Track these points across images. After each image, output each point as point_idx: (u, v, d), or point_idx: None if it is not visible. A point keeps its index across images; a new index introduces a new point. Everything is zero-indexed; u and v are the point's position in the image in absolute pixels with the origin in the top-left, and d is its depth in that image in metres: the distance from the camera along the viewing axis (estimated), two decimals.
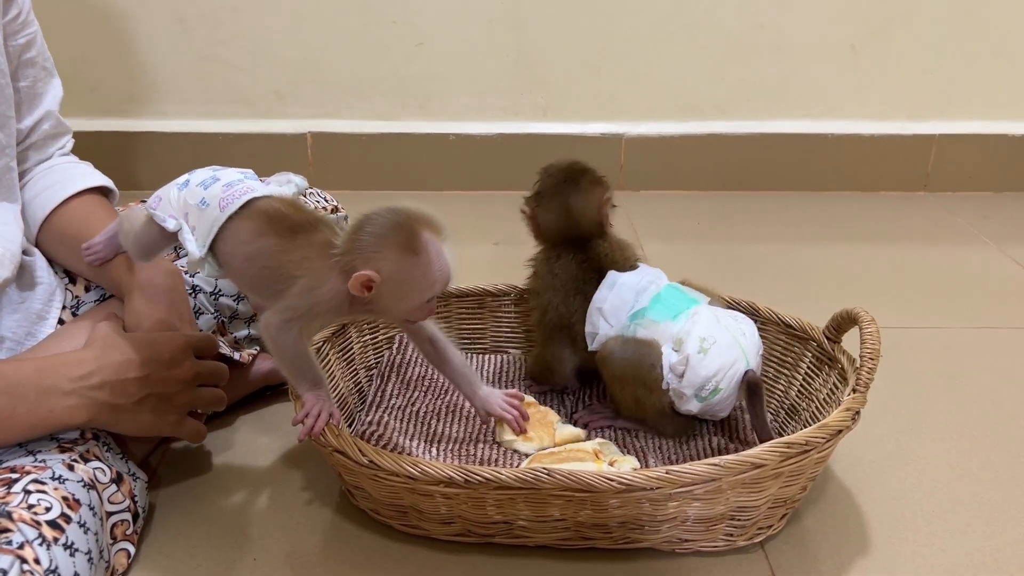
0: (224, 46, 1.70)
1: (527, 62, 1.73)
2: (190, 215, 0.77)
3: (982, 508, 0.86)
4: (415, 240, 0.71)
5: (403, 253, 0.71)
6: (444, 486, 0.72)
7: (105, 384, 0.74)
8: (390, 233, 0.71)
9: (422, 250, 0.71)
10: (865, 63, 1.74)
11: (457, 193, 1.78)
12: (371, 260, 0.70)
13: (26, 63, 0.93)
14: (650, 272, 0.93)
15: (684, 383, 0.84)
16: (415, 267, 0.71)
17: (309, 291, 0.73)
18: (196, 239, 0.76)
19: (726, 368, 0.83)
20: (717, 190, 1.81)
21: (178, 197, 0.78)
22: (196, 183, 0.78)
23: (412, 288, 0.72)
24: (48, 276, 0.94)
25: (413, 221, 0.71)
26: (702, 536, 0.78)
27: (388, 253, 0.70)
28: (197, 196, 0.77)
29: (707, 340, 0.84)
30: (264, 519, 0.84)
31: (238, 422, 1.00)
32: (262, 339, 0.77)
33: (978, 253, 1.53)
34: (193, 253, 0.76)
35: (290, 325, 0.74)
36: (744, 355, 0.85)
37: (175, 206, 0.78)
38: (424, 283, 0.72)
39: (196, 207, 0.77)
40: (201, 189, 0.77)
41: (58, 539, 0.64)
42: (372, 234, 0.71)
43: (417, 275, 0.72)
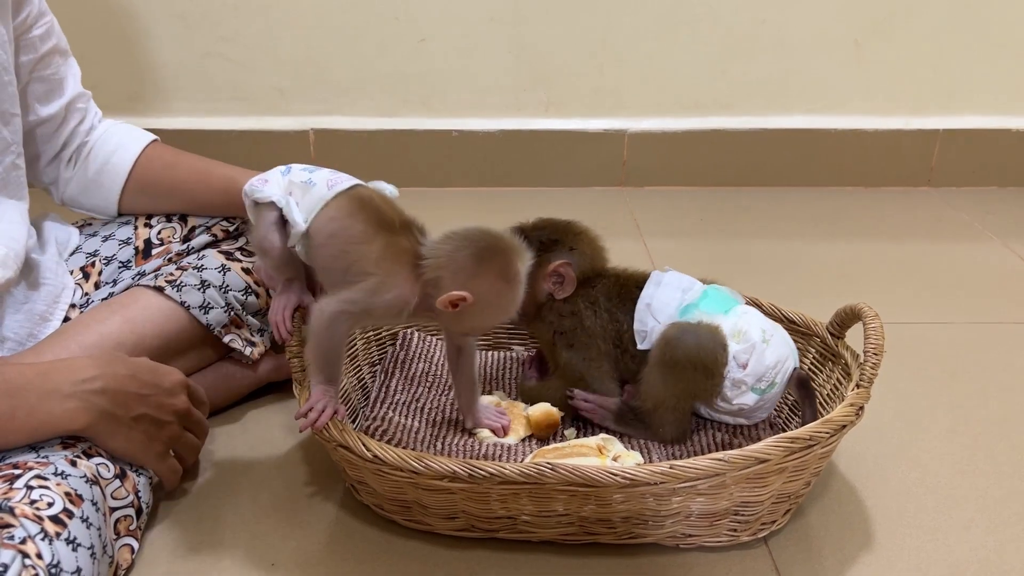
0: (226, 43, 1.70)
1: (529, 58, 1.72)
2: (294, 192, 0.82)
3: (986, 503, 0.86)
4: (511, 269, 0.75)
5: (500, 280, 0.75)
6: (448, 481, 0.72)
7: (106, 391, 0.74)
8: (491, 258, 0.75)
9: (514, 279, 0.75)
10: (868, 58, 1.73)
11: (459, 189, 1.78)
12: (468, 281, 0.74)
13: (49, 52, 0.95)
14: (686, 277, 0.92)
15: (748, 372, 0.84)
16: (505, 293, 0.75)
17: (375, 292, 0.75)
18: (301, 213, 0.80)
19: (783, 361, 0.85)
20: (720, 186, 1.80)
21: (281, 180, 0.83)
22: (300, 168, 0.84)
23: (496, 312, 0.77)
24: (54, 277, 0.95)
25: (510, 249, 0.76)
26: (706, 531, 0.77)
27: (486, 278, 0.74)
28: (303, 177, 0.82)
29: (767, 332, 0.86)
30: (268, 515, 0.84)
31: (242, 418, 1.00)
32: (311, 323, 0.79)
33: (982, 248, 1.52)
34: (298, 225, 0.79)
35: (343, 317, 0.76)
36: (792, 353, 0.87)
37: (278, 188, 0.82)
38: (508, 309, 0.77)
39: (302, 185, 0.82)
40: (307, 172, 0.83)
41: (60, 534, 0.64)
42: (472, 256, 0.74)
43: (505, 301, 0.76)
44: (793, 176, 1.80)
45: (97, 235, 1.03)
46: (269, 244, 0.82)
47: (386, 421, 0.89)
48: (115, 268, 0.99)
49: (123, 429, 0.75)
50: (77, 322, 0.89)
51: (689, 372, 0.84)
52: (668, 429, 0.88)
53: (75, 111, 1.00)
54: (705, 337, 0.84)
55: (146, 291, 0.92)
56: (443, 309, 0.74)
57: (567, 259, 0.90)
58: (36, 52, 0.93)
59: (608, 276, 0.92)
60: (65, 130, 0.99)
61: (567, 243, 0.92)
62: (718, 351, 0.84)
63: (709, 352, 0.84)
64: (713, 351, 0.84)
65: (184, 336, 0.92)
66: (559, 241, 0.92)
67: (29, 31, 0.92)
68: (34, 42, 0.93)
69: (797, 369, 0.86)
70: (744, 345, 0.84)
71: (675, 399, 0.86)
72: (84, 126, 1.01)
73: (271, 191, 0.82)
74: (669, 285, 0.90)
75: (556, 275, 0.90)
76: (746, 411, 0.86)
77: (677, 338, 0.85)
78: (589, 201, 1.73)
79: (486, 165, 1.77)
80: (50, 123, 0.98)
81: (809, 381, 0.86)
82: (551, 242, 0.92)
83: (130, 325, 0.88)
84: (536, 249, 0.89)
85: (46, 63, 0.95)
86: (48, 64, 0.95)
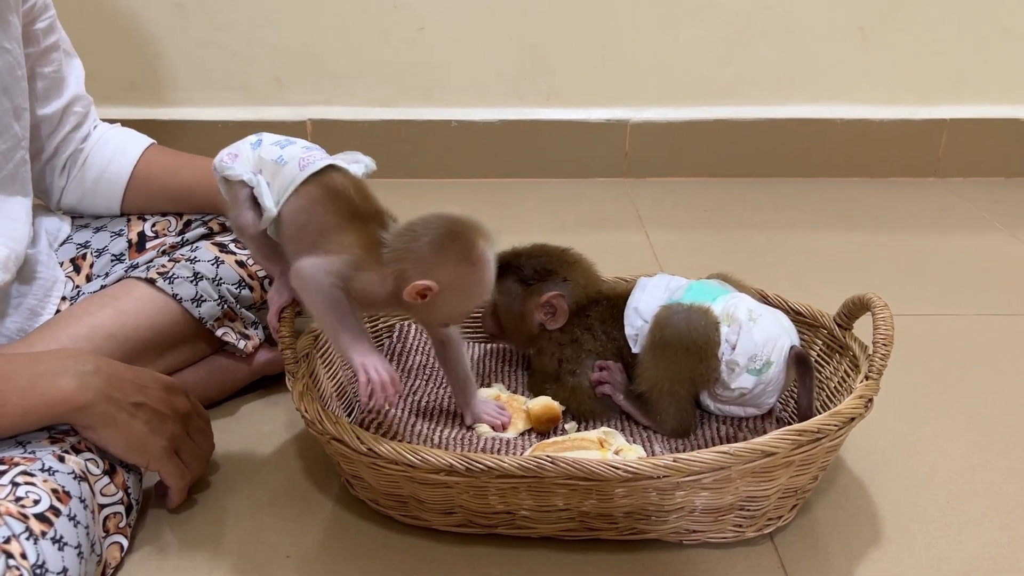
0: (223, 32, 1.68)
1: (530, 47, 1.70)
2: (264, 171, 0.78)
3: (998, 498, 0.84)
4: (473, 251, 0.72)
5: (462, 264, 0.72)
6: (445, 474, 0.71)
7: (100, 372, 0.71)
8: (449, 243, 0.72)
9: (479, 260, 0.72)
10: (874, 46, 1.71)
11: (459, 181, 1.76)
12: (430, 270, 0.71)
13: (49, 48, 0.93)
14: (676, 278, 0.92)
15: (738, 352, 0.82)
16: (471, 276, 0.73)
17: (353, 266, 0.73)
18: (272, 195, 0.77)
19: (775, 338, 0.83)
20: (724, 177, 1.78)
21: (252, 154, 0.79)
22: (270, 142, 0.80)
23: (466, 297, 0.75)
24: (46, 270, 0.93)
25: (470, 231, 0.72)
26: (710, 527, 0.76)
27: (449, 264, 0.72)
28: (274, 153, 0.78)
29: (754, 311, 0.84)
30: (261, 511, 0.82)
31: (237, 412, 0.98)
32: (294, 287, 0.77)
33: (990, 239, 1.50)
34: (270, 211, 0.76)
35: (330, 276, 0.73)
36: (787, 332, 0.85)
37: (248, 163, 0.79)
38: (478, 292, 0.74)
39: (273, 163, 0.78)
40: (277, 148, 0.79)
41: (46, 533, 0.62)
42: (430, 243, 0.72)
43: (473, 284, 0.73)
44: (798, 167, 1.78)
45: (88, 226, 1.02)
46: (244, 222, 0.79)
47: (381, 414, 0.88)
48: (107, 260, 0.98)
49: (123, 416, 0.71)
50: (67, 314, 0.87)
51: (681, 353, 0.83)
52: (667, 418, 0.86)
53: (72, 115, 0.98)
54: (696, 318, 0.84)
55: (138, 283, 0.90)
56: (412, 301, 0.72)
57: (560, 291, 0.90)
58: (38, 45, 0.92)
59: (601, 302, 0.92)
60: (59, 134, 0.98)
61: (561, 274, 0.91)
62: (710, 331, 0.83)
63: (700, 332, 0.83)
64: (704, 331, 0.83)
65: (176, 329, 0.90)
66: (553, 272, 0.91)
67: (33, 23, 0.91)
68: (37, 35, 0.91)
69: (795, 347, 0.84)
70: (732, 326, 0.84)
71: (669, 382, 0.84)
72: (79, 133, 0.99)
73: (241, 169, 0.78)
74: (656, 287, 0.90)
75: (548, 306, 0.90)
76: (748, 396, 0.85)
77: (667, 319, 0.84)
78: (591, 192, 1.71)
79: (486, 156, 1.75)
80: (45, 125, 0.96)
81: (807, 358, 0.84)
82: (545, 272, 0.91)
83: (121, 317, 0.87)
84: (528, 279, 0.90)
85: (48, 59, 0.93)
86: (49, 60, 0.94)
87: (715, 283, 0.91)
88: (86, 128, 1.00)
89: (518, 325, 0.92)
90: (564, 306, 0.89)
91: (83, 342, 0.83)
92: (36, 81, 0.93)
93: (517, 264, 0.91)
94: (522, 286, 0.90)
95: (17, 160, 0.89)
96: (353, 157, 0.82)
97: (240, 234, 0.82)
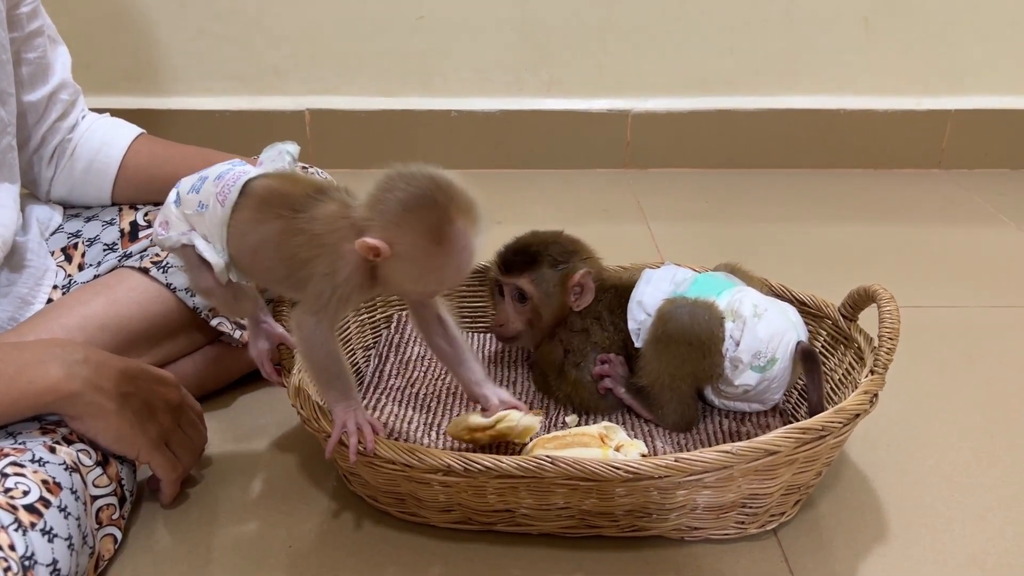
0: (220, 21, 1.66)
1: (531, 36, 1.68)
2: (196, 225, 0.74)
3: (1004, 492, 0.83)
4: (444, 229, 0.63)
5: (425, 238, 0.63)
6: (442, 474, 0.69)
7: (89, 361, 0.69)
8: (420, 209, 0.63)
9: (447, 242, 0.63)
10: (878, 36, 1.69)
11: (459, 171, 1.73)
12: (390, 230, 0.63)
13: (33, 33, 0.92)
14: (683, 269, 0.91)
15: (742, 348, 0.81)
16: (433, 257, 0.64)
17: (329, 273, 0.67)
18: (214, 245, 0.73)
19: (780, 334, 0.82)
20: (726, 167, 1.77)
21: (177, 214, 0.75)
22: (186, 191, 0.74)
23: (423, 275, 0.66)
24: (36, 259, 0.92)
25: (451, 203, 0.63)
26: (712, 524, 0.75)
27: (411, 231, 0.63)
28: (193, 203, 0.74)
29: (759, 306, 0.83)
30: (258, 504, 0.81)
31: (233, 403, 0.97)
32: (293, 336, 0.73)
33: (995, 231, 1.49)
34: (216, 263, 0.73)
35: (320, 320, 0.68)
36: (794, 327, 0.83)
37: (182, 225, 0.75)
38: (437, 276, 0.65)
39: (196, 214, 0.73)
40: (194, 195, 0.74)
41: (35, 524, 0.61)
42: (401, 202, 0.63)
43: (432, 266, 0.64)
44: (801, 157, 1.76)
45: (80, 215, 1.00)
46: (206, 285, 0.76)
47: (379, 409, 0.87)
48: (99, 250, 0.96)
49: (111, 406, 0.70)
50: (59, 303, 0.86)
51: (683, 348, 0.82)
52: (669, 412, 0.85)
53: (58, 103, 0.96)
54: (699, 313, 0.82)
55: (131, 272, 0.89)
56: (365, 256, 0.64)
57: (587, 268, 0.89)
58: (22, 30, 0.90)
59: (608, 290, 0.91)
60: (45, 123, 0.96)
61: (581, 255, 0.91)
62: (713, 326, 0.82)
63: (704, 327, 0.81)
64: (708, 326, 0.82)
65: (171, 319, 0.89)
66: (575, 253, 0.90)
67: (16, 6, 0.89)
68: (20, 19, 0.90)
69: (801, 343, 0.83)
70: (737, 322, 0.82)
71: (671, 378, 0.83)
72: (66, 122, 0.98)
73: (175, 234, 0.75)
74: (661, 280, 0.89)
75: (578, 286, 0.89)
76: (752, 393, 0.83)
77: (670, 312, 0.83)
78: (592, 183, 1.69)
79: (486, 146, 1.74)
80: (31, 113, 0.94)
81: (814, 354, 0.83)
82: (570, 253, 0.90)
83: (114, 307, 0.85)
84: (559, 262, 0.88)
85: (32, 44, 0.92)
86: (34, 46, 0.92)
87: (722, 275, 0.89)
88: (73, 117, 0.98)
89: (556, 312, 0.90)
90: (591, 284, 0.89)
91: (75, 332, 0.82)
92: (21, 67, 0.92)
93: (545, 251, 0.89)
94: (556, 271, 0.89)
95: (3, 146, 0.87)
96: (275, 151, 0.76)
97: (207, 297, 0.78)
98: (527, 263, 0.89)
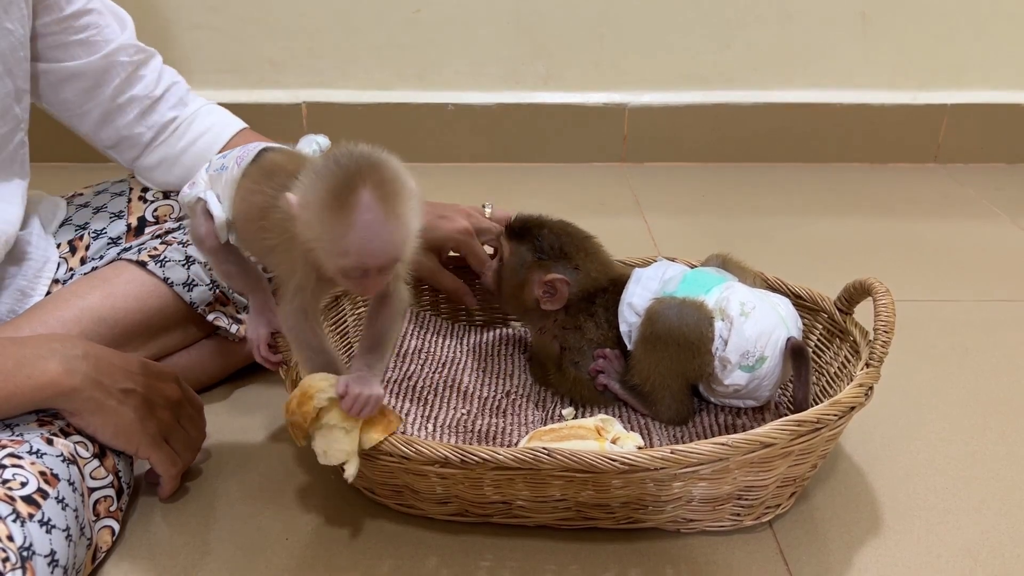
0: (215, 13, 1.65)
1: (527, 29, 1.68)
2: (215, 185, 0.76)
3: (997, 484, 0.83)
4: (344, 195, 0.59)
5: (325, 200, 0.60)
6: (439, 466, 0.69)
7: (88, 356, 0.70)
8: (327, 175, 0.60)
9: (346, 208, 0.59)
10: (875, 31, 1.69)
11: (455, 164, 1.74)
12: (300, 190, 0.62)
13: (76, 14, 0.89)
14: (673, 265, 0.91)
15: (730, 348, 0.81)
16: (331, 223, 0.60)
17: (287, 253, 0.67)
18: (222, 203, 0.74)
19: (768, 332, 0.81)
20: (723, 161, 1.77)
21: (204, 175, 0.77)
22: (217, 158, 0.77)
23: (324, 242, 0.62)
24: (36, 251, 0.92)
25: (359, 173, 0.60)
26: (708, 516, 0.75)
27: (313, 192, 0.61)
28: (218, 164, 0.76)
29: (747, 304, 0.82)
30: (255, 496, 0.81)
31: (230, 396, 0.97)
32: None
33: (990, 225, 1.49)
34: (219, 217, 0.74)
35: (293, 305, 0.68)
36: (783, 323, 0.83)
37: (203, 184, 0.77)
38: (337, 245, 0.61)
39: (217, 174, 0.76)
40: (221, 159, 0.77)
41: (33, 515, 0.61)
42: (319, 164, 0.62)
43: (332, 233, 0.60)
44: (797, 152, 1.77)
45: (88, 206, 1.00)
46: (199, 232, 0.76)
47: None
48: (104, 243, 0.96)
49: (111, 402, 0.70)
50: (57, 296, 0.86)
51: (672, 348, 0.82)
52: (664, 408, 0.85)
53: (117, 65, 0.92)
54: (688, 312, 0.82)
55: (128, 265, 0.89)
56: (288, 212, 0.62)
57: (566, 276, 0.88)
58: (61, 12, 0.88)
59: (609, 289, 0.90)
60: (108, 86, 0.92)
61: (575, 260, 0.89)
62: (702, 326, 0.81)
63: (692, 327, 0.81)
64: (696, 326, 0.81)
65: (167, 313, 0.89)
66: (568, 256, 0.89)
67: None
68: (58, 2, 0.88)
69: (791, 339, 0.82)
70: (725, 321, 0.82)
71: (661, 376, 0.83)
72: (140, 86, 0.94)
73: (197, 190, 0.76)
74: (650, 279, 0.89)
75: (550, 287, 0.88)
76: (744, 392, 0.83)
77: (658, 312, 0.83)
78: (589, 177, 1.69)
79: (483, 139, 1.74)
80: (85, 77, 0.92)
81: (804, 350, 0.82)
82: (560, 252, 0.89)
83: (111, 300, 0.85)
84: (542, 252, 0.88)
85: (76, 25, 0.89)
86: (80, 26, 0.89)
87: (712, 271, 0.89)
88: (149, 80, 0.95)
89: (515, 292, 0.90)
90: (565, 292, 0.88)
91: (72, 324, 0.82)
92: (69, 48, 0.90)
93: (538, 234, 0.89)
94: (533, 257, 0.89)
95: (16, 142, 0.87)
96: (309, 140, 0.77)
97: (200, 247, 0.78)
98: (517, 233, 0.90)
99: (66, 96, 0.92)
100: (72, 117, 0.94)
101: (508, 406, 0.89)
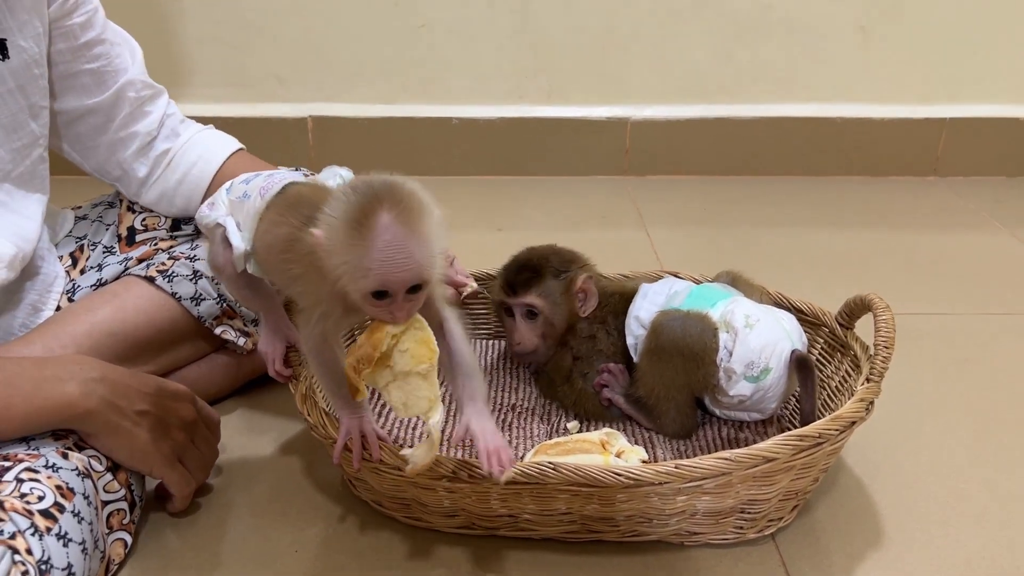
0: (222, 27, 1.67)
1: (531, 44, 1.70)
2: (235, 212, 0.77)
3: (998, 496, 0.84)
4: (366, 218, 0.60)
5: (345, 223, 0.60)
6: (447, 480, 0.71)
7: (105, 379, 0.71)
8: (347, 201, 0.61)
9: (366, 229, 0.60)
10: (874, 45, 1.71)
11: (460, 178, 1.75)
12: (323, 221, 0.62)
13: (91, 43, 0.91)
14: (679, 282, 0.93)
15: (735, 359, 0.82)
16: (352, 246, 0.60)
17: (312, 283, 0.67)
18: (243, 234, 0.75)
19: (773, 344, 0.82)
20: (724, 175, 1.78)
21: (225, 199, 0.78)
22: (239, 182, 0.78)
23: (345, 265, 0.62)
24: (48, 266, 0.93)
25: (376, 195, 0.60)
26: (711, 529, 0.76)
27: (334, 220, 0.61)
28: (240, 191, 0.77)
29: (751, 316, 0.84)
30: (264, 509, 0.82)
31: (237, 409, 0.98)
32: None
33: (990, 238, 1.50)
34: (238, 247, 0.75)
35: (313, 332, 0.69)
36: (788, 336, 0.84)
37: (224, 207, 0.78)
38: (356, 268, 0.61)
39: (239, 201, 0.76)
40: (243, 184, 0.77)
41: (51, 529, 0.62)
42: (340, 196, 0.62)
43: (353, 255, 0.61)
44: (798, 165, 1.78)
45: (87, 218, 1.02)
46: (218, 261, 0.78)
47: (384, 415, 0.88)
48: (100, 253, 0.98)
49: (126, 424, 0.71)
50: (68, 311, 0.87)
51: (677, 360, 0.83)
52: (668, 421, 0.86)
53: (125, 100, 0.94)
54: (692, 324, 0.83)
55: (137, 280, 0.90)
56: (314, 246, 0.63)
57: (588, 274, 0.92)
58: (76, 40, 0.89)
59: (613, 295, 0.93)
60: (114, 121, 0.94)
61: (579, 262, 0.93)
62: (706, 337, 0.83)
63: (696, 338, 0.83)
64: (700, 337, 0.83)
65: (176, 327, 0.90)
66: (572, 261, 0.93)
67: (69, 17, 0.89)
68: (73, 30, 0.89)
69: (796, 351, 0.84)
70: (729, 333, 0.83)
71: (666, 388, 0.85)
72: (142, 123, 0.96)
73: (217, 214, 0.78)
74: (657, 293, 0.91)
75: (582, 292, 0.91)
76: (748, 403, 0.84)
77: (663, 325, 0.84)
78: (592, 190, 1.71)
79: (486, 153, 1.75)
80: (97, 114, 0.94)
81: (809, 362, 0.84)
82: (567, 263, 0.92)
83: (121, 314, 0.87)
84: (560, 272, 0.91)
85: (89, 55, 0.91)
86: (93, 56, 0.91)
87: (719, 286, 0.90)
88: (153, 118, 0.97)
89: (565, 320, 0.92)
90: (594, 288, 0.91)
91: (83, 338, 0.83)
92: (80, 77, 0.91)
93: (547, 264, 0.91)
94: (558, 281, 0.91)
95: (35, 158, 0.88)
96: (332, 172, 0.77)
97: (218, 275, 0.81)
98: (531, 279, 0.91)
99: (79, 131, 0.94)
100: (83, 150, 0.95)
101: (514, 419, 0.90)
